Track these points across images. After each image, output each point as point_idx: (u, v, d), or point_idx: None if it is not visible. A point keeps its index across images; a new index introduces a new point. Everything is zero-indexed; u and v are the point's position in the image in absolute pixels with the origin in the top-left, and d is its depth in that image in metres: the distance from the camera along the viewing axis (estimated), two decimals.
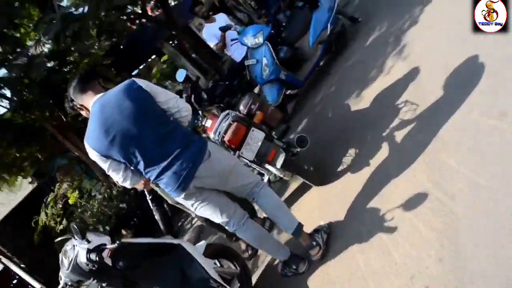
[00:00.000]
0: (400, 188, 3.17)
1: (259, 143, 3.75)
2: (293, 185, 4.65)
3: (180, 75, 5.52)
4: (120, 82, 3.05)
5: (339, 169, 4.10)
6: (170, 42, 16.94)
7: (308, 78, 6.52)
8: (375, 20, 6.49)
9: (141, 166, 2.93)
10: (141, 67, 17.22)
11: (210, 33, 6.80)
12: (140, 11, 12.90)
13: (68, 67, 8.15)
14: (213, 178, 3.03)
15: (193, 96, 5.57)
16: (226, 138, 3.77)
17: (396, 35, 5.35)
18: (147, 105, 2.90)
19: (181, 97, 5.89)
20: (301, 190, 4.39)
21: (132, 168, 3.00)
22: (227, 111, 3.96)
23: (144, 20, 13.46)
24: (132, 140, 2.86)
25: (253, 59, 6.16)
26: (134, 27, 14.71)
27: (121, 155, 2.90)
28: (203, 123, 4.98)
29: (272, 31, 6.16)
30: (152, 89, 2.95)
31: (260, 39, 6.07)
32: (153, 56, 17.08)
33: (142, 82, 2.96)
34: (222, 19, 6.94)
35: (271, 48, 6.07)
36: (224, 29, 6.38)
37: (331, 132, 4.87)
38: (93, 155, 2.96)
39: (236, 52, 6.89)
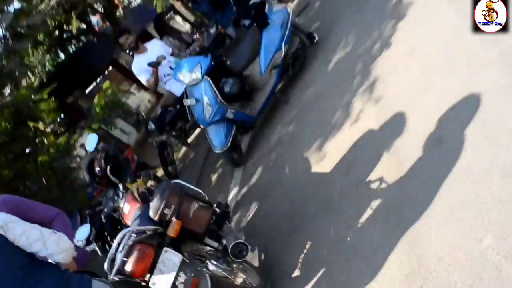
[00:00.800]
0: None
1: (175, 270, 2.60)
2: None
3: (90, 142, 4.30)
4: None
5: (294, 274, 2.98)
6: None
7: (262, 111, 5.36)
8: (339, 34, 5.35)
9: None
10: (98, 80, 15.84)
11: (140, 67, 5.52)
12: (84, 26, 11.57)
13: None
14: None
15: (108, 168, 4.38)
16: (128, 269, 2.60)
17: (364, 61, 4.21)
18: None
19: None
20: None
21: None
22: (126, 230, 2.75)
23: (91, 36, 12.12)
24: None
25: (192, 99, 4.97)
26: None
27: None
28: (122, 206, 3.81)
29: (212, 63, 4.95)
30: (8, 230, 2.12)
31: (198, 74, 4.85)
32: (110, 68, 15.70)
33: None
34: (155, 47, 5.67)
35: (212, 84, 4.87)
36: (153, 64, 5.17)
37: (286, 203, 3.73)
38: None
39: (174, 87, 5.67)
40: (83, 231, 3.87)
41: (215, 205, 3.92)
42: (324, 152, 3.74)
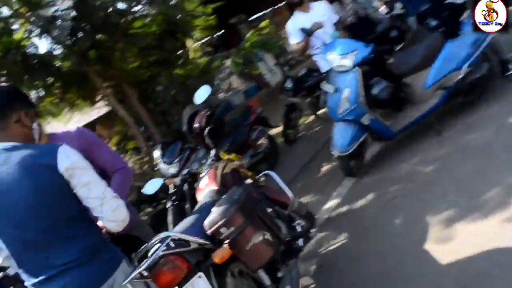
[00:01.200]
0: None
1: None
2: None
3: (201, 95, 3.83)
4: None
5: None
6: None
7: (405, 131, 4.46)
8: None
9: (13, 263, 1.94)
10: (267, 10, 15.52)
11: (295, 26, 4.89)
12: None
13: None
14: None
15: (207, 128, 3.93)
16: (153, 274, 2.18)
17: None
18: (50, 197, 1.86)
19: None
20: None
21: None
22: (166, 234, 2.28)
23: None
24: (10, 229, 1.86)
25: (331, 86, 4.28)
26: None
27: None
28: (202, 175, 3.41)
29: (371, 55, 4.14)
30: (75, 176, 1.88)
31: (349, 62, 4.14)
32: (283, 3, 15.24)
33: (69, 157, 1.88)
34: (320, 10, 4.95)
35: (360, 79, 4.12)
36: (306, 31, 4.53)
37: (378, 262, 2.98)
38: None
39: (321, 61, 4.96)
40: (154, 184, 3.57)
41: (297, 221, 3.35)
42: (452, 233, 2.84)
